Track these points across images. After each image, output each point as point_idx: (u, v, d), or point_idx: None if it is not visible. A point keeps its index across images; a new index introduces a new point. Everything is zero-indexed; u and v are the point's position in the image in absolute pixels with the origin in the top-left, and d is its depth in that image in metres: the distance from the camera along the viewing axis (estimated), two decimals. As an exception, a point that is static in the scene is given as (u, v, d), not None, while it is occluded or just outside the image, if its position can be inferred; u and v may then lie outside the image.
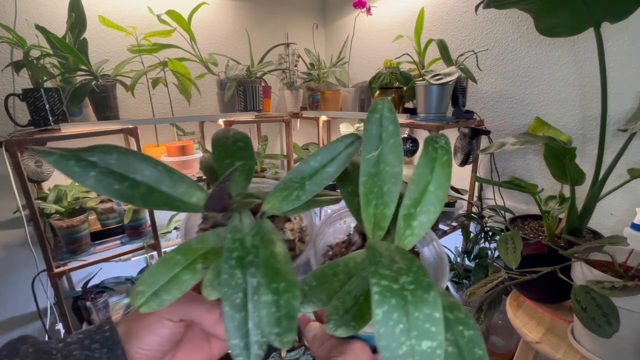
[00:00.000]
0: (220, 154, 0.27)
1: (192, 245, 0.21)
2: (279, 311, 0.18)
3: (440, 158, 0.24)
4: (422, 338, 0.15)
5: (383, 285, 0.16)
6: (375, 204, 0.23)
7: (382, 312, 0.16)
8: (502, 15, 0.96)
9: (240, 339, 0.18)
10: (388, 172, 0.23)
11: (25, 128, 0.88)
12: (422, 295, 0.16)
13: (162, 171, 0.22)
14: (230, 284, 0.19)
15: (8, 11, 0.93)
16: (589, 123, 0.84)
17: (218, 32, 1.34)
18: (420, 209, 0.23)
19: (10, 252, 1.06)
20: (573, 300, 0.52)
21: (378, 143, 0.23)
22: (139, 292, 0.19)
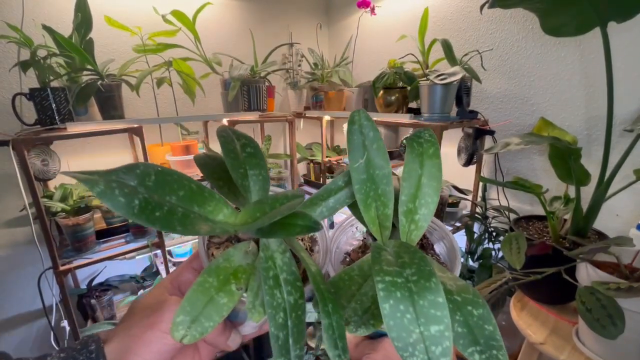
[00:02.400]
0: (233, 161, 0.25)
1: (220, 265, 0.21)
2: (334, 333, 0.19)
3: (427, 151, 0.25)
4: (430, 323, 0.16)
5: (387, 281, 0.17)
6: (375, 206, 0.24)
7: (389, 306, 0.17)
8: (507, 15, 0.95)
9: (285, 356, 0.18)
10: (379, 175, 0.24)
11: (32, 127, 0.89)
12: (425, 283, 0.17)
13: (194, 189, 0.21)
14: (272, 305, 0.19)
15: (15, 11, 0.94)
16: (594, 123, 0.84)
17: (222, 32, 1.35)
18: (418, 202, 0.24)
19: (16, 249, 1.07)
20: (578, 302, 0.52)
21: (363, 151, 0.24)
22: (179, 323, 0.18)
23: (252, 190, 0.25)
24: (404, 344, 0.16)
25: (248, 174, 0.25)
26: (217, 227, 0.21)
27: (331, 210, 0.25)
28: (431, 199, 0.24)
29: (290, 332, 0.19)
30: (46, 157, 0.89)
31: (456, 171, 1.13)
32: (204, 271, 0.20)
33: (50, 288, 0.98)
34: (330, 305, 0.19)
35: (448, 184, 1.04)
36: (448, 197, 1.02)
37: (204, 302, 0.19)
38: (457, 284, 0.19)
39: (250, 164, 0.25)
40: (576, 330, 0.63)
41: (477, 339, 0.17)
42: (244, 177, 0.24)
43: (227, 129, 0.27)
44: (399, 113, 1.07)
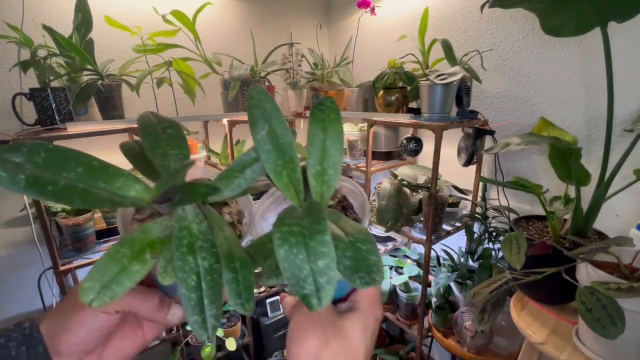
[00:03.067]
0: (152, 143, 0.26)
1: (136, 237, 0.21)
2: (238, 286, 0.21)
3: (329, 116, 0.26)
4: (318, 259, 0.19)
5: (284, 231, 0.20)
6: (286, 173, 0.25)
7: (284, 250, 0.19)
8: (507, 15, 0.95)
9: (198, 315, 0.20)
10: (283, 143, 0.25)
11: (32, 127, 0.89)
12: (316, 227, 0.20)
13: (96, 167, 0.22)
14: (184, 269, 0.20)
15: (15, 11, 0.94)
16: (594, 123, 0.84)
17: (222, 32, 1.35)
18: (326, 164, 0.26)
19: (17, 250, 1.07)
20: (578, 302, 0.52)
21: (264, 123, 0.25)
22: (87, 289, 0.19)
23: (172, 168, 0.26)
24: (296, 280, 0.19)
25: (168, 154, 0.26)
26: (126, 201, 0.22)
27: (249, 181, 0.26)
28: (336, 160, 0.26)
29: (204, 293, 0.20)
30: (46, 157, 0.89)
31: (456, 171, 1.13)
32: (117, 242, 0.21)
33: (51, 288, 0.98)
34: (238, 263, 0.22)
35: (448, 184, 1.04)
36: (448, 197, 1.02)
37: (115, 270, 0.20)
38: (356, 229, 0.22)
39: (171, 145, 0.26)
40: (576, 330, 0.63)
41: (362, 268, 0.20)
42: (163, 157, 0.25)
43: (149, 113, 0.28)
44: (399, 113, 1.07)
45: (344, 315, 0.27)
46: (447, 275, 1.03)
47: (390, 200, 0.99)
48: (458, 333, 0.98)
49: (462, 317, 0.98)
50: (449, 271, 1.05)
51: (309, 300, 0.19)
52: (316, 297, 0.19)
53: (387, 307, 1.27)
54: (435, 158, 0.87)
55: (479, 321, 0.65)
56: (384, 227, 1.03)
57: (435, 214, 0.97)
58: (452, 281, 1.02)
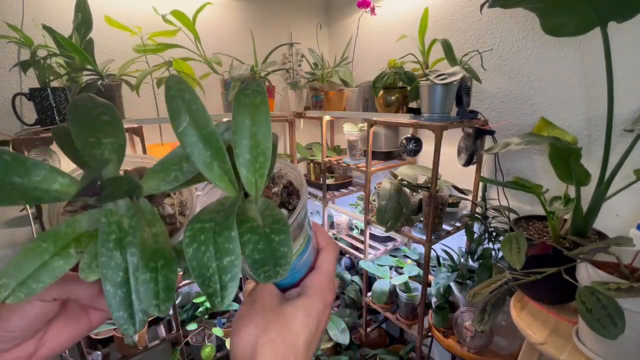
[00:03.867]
0: (82, 130, 0.23)
1: (61, 231, 0.20)
2: (157, 286, 0.20)
3: (254, 101, 0.24)
4: (223, 256, 0.19)
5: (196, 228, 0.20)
6: (217, 164, 0.24)
7: (192, 249, 0.19)
8: (507, 15, 0.95)
9: (124, 310, 0.19)
10: (208, 134, 0.24)
11: (32, 127, 0.89)
12: (225, 222, 0.20)
13: (8, 160, 0.19)
14: (109, 265, 0.20)
15: (15, 11, 0.94)
16: (594, 123, 0.84)
17: (222, 32, 1.35)
18: (255, 151, 0.24)
19: (16, 250, 1.07)
20: (578, 302, 0.52)
21: (184, 114, 0.23)
22: (1, 285, 0.18)
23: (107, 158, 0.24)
24: (203, 279, 0.19)
25: (102, 143, 0.24)
26: (47, 196, 0.20)
27: (186, 174, 0.25)
28: (265, 145, 0.24)
29: (132, 289, 0.20)
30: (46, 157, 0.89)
31: (456, 171, 1.13)
32: (38, 237, 0.20)
33: (50, 288, 0.97)
34: (161, 262, 0.21)
35: (448, 184, 1.04)
36: (448, 197, 1.02)
37: (33, 266, 0.19)
38: (274, 218, 0.22)
39: (105, 132, 0.24)
40: (576, 330, 0.63)
41: (269, 261, 0.20)
42: (95, 146, 0.23)
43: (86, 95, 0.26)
44: (399, 113, 1.07)
45: (288, 302, 0.27)
46: (447, 275, 1.03)
47: (390, 200, 0.99)
48: (458, 333, 0.98)
49: (462, 317, 0.99)
50: (449, 271, 1.05)
51: (212, 299, 0.18)
52: (219, 295, 0.18)
53: (387, 307, 1.27)
54: (435, 158, 0.87)
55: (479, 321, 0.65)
56: (384, 227, 1.03)
57: (435, 214, 0.97)
58: (452, 281, 1.02)
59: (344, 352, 1.39)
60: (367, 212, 1.18)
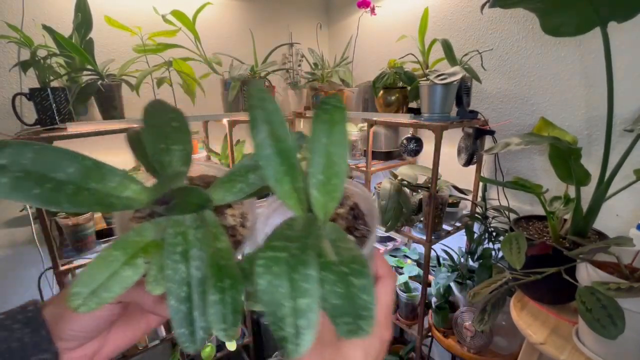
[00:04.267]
0: (152, 136, 0.24)
1: (130, 239, 0.20)
2: (225, 308, 0.19)
3: (334, 117, 0.23)
4: (299, 297, 0.17)
5: (269, 257, 0.18)
6: (288, 180, 0.23)
7: (266, 282, 0.17)
8: (507, 15, 0.95)
9: (186, 327, 0.19)
10: (285, 148, 0.23)
11: (32, 127, 0.89)
12: (302, 257, 0.18)
13: (90, 166, 0.20)
14: (174, 279, 0.19)
15: (15, 11, 0.94)
16: (594, 123, 0.84)
17: (222, 32, 1.35)
18: (329, 172, 0.23)
19: (17, 250, 1.07)
20: (578, 302, 0.52)
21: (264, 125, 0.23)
22: (74, 294, 0.18)
23: (174, 165, 0.24)
24: (275, 318, 0.17)
25: (171, 149, 0.24)
26: (119, 203, 0.20)
27: (252, 187, 0.24)
28: (340, 167, 0.23)
29: (195, 305, 0.19)
30: (46, 157, 0.89)
31: (456, 171, 1.13)
32: (111, 244, 0.20)
33: (51, 288, 0.98)
34: (228, 281, 0.20)
35: (448, 184, 1.04)
36: (448, 197, 1.02)
37: (105, 275, 0.19)
38: (352, 255, 0.19)
39: (175, 139, 0.24)
40: (576, 330, 0.63)
41: (349, 311, 0.17)
42: (164, 153, 0.23)
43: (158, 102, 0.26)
44: (399, 113, 1.07)
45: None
46: (447, 275, 1.03)
47: (390, 200, 0.99)
48: (458, 333, 0.98)
49: (462, 317, 0.99)
50: (449, 271, 1.05)
51: (286, 345, 0.16)
52: (295, 342, 0.16)
53: (387, 307, 1.26)
54: (435, 158, 0.87)
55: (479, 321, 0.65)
56: (384, 227, 1.03)
57: (435, 214, 0.97)
58: (452, 281, 1.02)
59: (344, 352, 1.39)
60: (367, 212, 1.18)
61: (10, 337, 0.23)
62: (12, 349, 0.22)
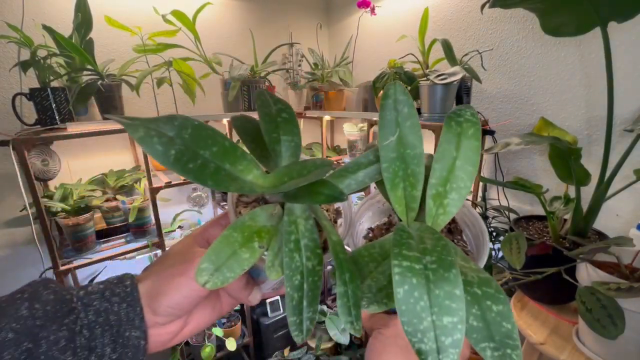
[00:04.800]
0: (267, 125, 0.25)
1: (246, 222, 0.21)
2: (349, 301, 0.19)
3: (466, 132, 0.23)
4: (443, 314, 0.16)
5: (404, 266, 0.17)
6: (402, 186, 0.23)
7: (403, 290, 0.17)
8: (507, 15, 0.95)
9: (297, 316, 0.19)
10: (410, 154, 0.23)
11: (32, 127, 0.89)
12: (444, 274, 0.17)
13: (227, 147, 0.21)
14: (290, 267, 0.20)
15: (15, 11, 0.94)
16: (594, 123, 0.84)
17: (222, 32, 1.35)
18: (449, 186, 0.23)
19: (16, 250, 1.07)
20: (578, 302, 0.52)
21: (395, 128, 0.23)
22: (203, 270, 0.19)
23: (283, 155, 0.24)
24: (414, 329, 0.16)
25: (281, 139, 0.24)
26: (246, 186, 0.21)
27: (360, 184, 0.24)
28: (464, 183, 0.23)
29: (305, 294, 0.19)
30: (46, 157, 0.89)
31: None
32: (230, 226, 0.21)
33: (51, 288, 0.97)
34: (347, 275, 0.20)
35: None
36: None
37: (227, 254, 0.19)
38: (480, 276, 0.19)
39: (284, 130, 0.25)
40: (576, 330, 0.63)
41: (493, 335, 0.17)
42: (276, 142, 0.24)
43: (264, 92, 0.27)
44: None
45: None
46: (447, 275, 1.03)
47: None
48: (458, 333, 0.98)
49: (462, 317, 0.98)
50: (449, 271, 1.05)
51: (426, 357, 0.16)
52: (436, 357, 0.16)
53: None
54: (435, 158, 0.87)
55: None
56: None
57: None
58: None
59: (344, 352, 1.39)
60: (367, 212, 1.18)
61: (109, 309, 0.24)
62: (110, 322, 0.23)
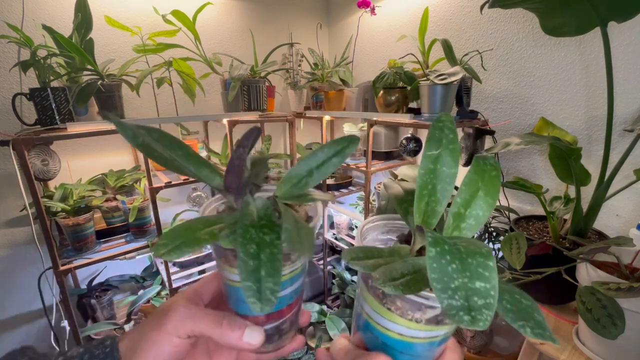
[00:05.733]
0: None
1: (211, 219, 0.23)
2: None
3: (490, 172, 0.25)
4: (475, 279, 0.17)
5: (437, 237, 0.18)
6: (426, 201, 0.24)
7: (436, 250, 0.17)
8: (507, 15, 0.95)
9: (253, 282, 0.19)
10: (444, 172, 0.24)
11: (32, 127, 0.89)
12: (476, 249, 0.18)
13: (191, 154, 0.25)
14: (244, 237, 0.21)
15: (16, 11, 0.94)
16: (594, 123, 0.84)
17: (222, 32, 1.35)
18: (469, 211, 0.24)
19: (17, 250, 1.07)
20: (578, 302, 0.52)
21: (439, 145, 0.25)
22: (161, 245, 0.20)
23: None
24: (444, 286, 0.16)
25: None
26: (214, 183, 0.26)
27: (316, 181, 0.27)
28: (482, 212, 0.24)
29: (262, 263, 0.20)
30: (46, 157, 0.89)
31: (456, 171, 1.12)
32: (194, 218, 0.23)
33: (51, 288, 0.98)
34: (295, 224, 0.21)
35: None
36: (448, 197, 1.02)
37: (186, 236, 0.21)
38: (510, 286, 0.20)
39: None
40: (576, 330, 0.63)
41: (527, 319, 0.17)
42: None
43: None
44: (399, 113, 1.07)
45: None
46: (447, 275, 1.03)
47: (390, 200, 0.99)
48: (458, 333, 0.98)
49: (462, 317, 0.98)
50: (449, 271, 1.05)
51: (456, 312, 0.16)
52: (468, 314, 0.16)
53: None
54: (435, 158, 0.87)
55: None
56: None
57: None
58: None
59: (344, 352, 1.39)
60: (367, 212, 1.18)
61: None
62: None
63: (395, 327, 0.22)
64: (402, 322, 0.22)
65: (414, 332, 0.22)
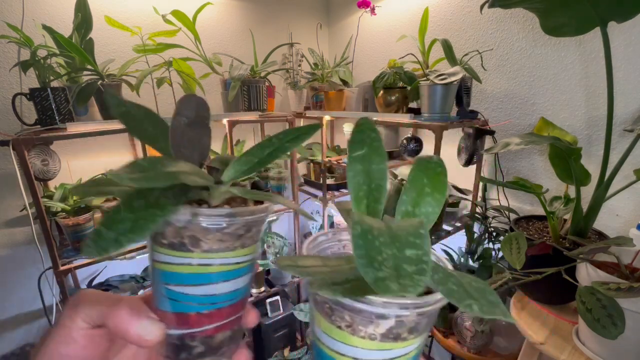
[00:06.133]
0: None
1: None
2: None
3: (435, 169, 0.24)
4: (405, 248, 0.16)
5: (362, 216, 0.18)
6: (365, 203, 0.23)
7: (362, 227, 0.16)
8: (507, 15, 0.95)
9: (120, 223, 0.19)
10: (374, 169, 0.24)
11: (32, 127, 0.89)
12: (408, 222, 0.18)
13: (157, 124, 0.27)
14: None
15: (16, 11, 0.94)
16: (594, 123, 0.84)
17: (222, 32, 1.35)
18: (418, 210, 0.23)
19: (17, 250, 1.07)
20: (578, 302, 0.52)
21: (363, 145, 0.24)
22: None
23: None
24: (369, 260, 0.15)
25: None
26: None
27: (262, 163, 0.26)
28: (432, 209, 0.23)
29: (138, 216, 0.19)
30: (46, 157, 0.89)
31: (456, 171, 1.13)
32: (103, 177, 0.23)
33: (51, 288, 0.98)
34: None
35: (448, 184, 1.04)
36: (448, 197, 1.02)
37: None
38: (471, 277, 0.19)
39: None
40: (576, 330, 0.63)
41: (477, 299, 0.16)
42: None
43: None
44: (399, 113, 1.07)
45: None
46: (447, 275, 1.03)
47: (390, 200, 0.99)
48: (458, 333, 0.98)
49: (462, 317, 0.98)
50: (449, 271, 1.05)
51: (383, 283, 0.14)
52: (396, 282, 0.14)
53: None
54: (435, 158, 0.87)
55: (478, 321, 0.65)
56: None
57: (435, 214, 0.97)
58: (452, 281, 1.02)
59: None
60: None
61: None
62: None
63: (349, 349, 0.19)
64: (355, 341, 0.19)
65: (371, 353, 0.19)
